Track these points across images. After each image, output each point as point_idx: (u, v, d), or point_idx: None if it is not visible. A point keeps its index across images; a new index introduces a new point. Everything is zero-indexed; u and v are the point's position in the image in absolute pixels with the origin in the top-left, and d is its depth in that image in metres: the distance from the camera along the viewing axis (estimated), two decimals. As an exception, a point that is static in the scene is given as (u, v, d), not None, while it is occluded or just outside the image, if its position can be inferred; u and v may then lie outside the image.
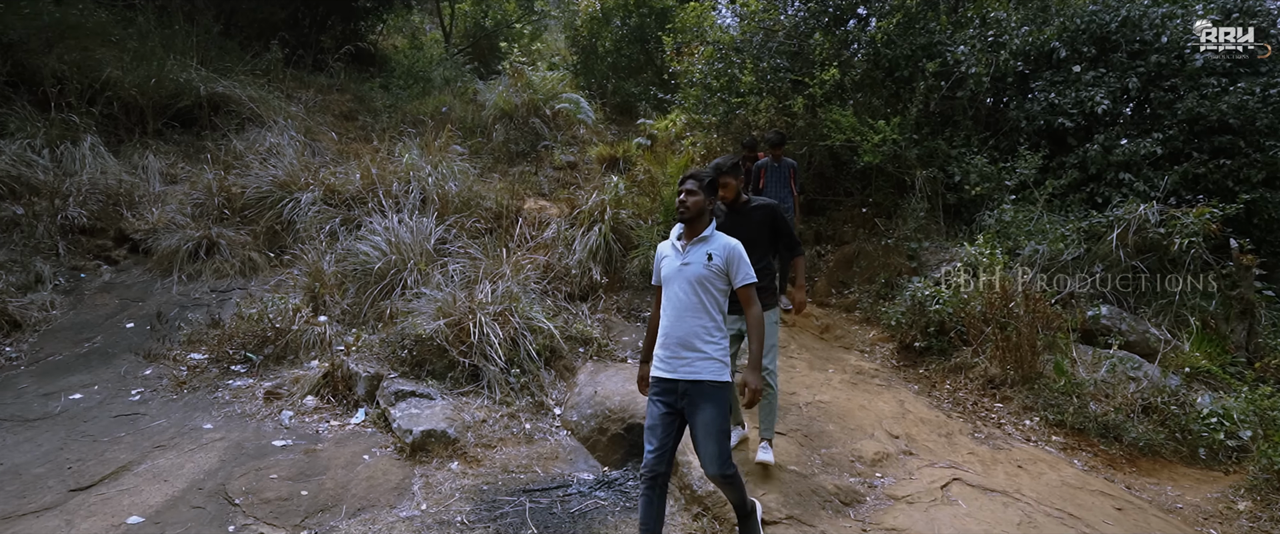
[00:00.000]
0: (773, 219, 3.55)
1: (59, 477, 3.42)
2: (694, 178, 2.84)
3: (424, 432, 4.07)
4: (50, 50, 7.68)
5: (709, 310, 2.73)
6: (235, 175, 7.46)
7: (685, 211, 2.79)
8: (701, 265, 2.73)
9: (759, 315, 2.74)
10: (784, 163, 6.18)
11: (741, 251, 2.79)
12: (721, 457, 2.63)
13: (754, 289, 2.78)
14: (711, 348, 2.69)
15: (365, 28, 13.23)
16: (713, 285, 2.74)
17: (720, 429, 2.64)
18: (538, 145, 10.09)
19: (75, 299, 5.99)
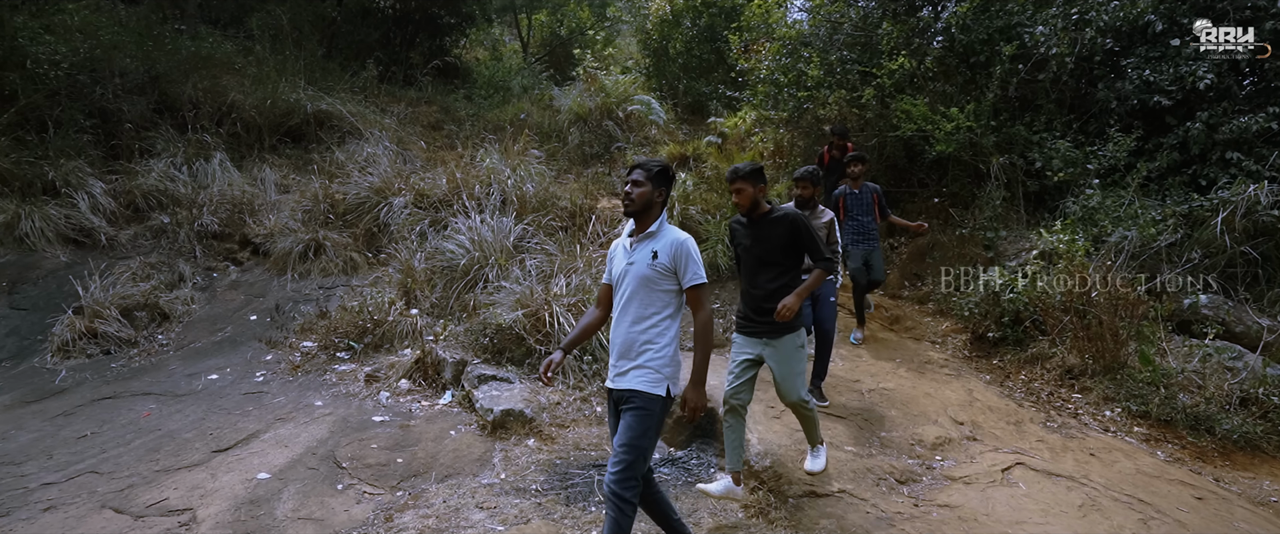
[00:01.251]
0: (792, 230, 3.09)
1: (204, 440, 4.00)
2: (641, 167, 2.55)
3: (504, 411, 4.43)
4: (187, 80, 8.74)
5: (652, 314, 2.45)
6: (337, 183, 8.22)
7: (630, 204, 2.52)
8: (646, 264, 2.45)
9: (706, 319, 2.48)
10: (866, 188, 5.60)
11: (690, 248, 2.48)
12: (624, 474, 2.33)
13: (705, 290, 2.47)
14: (648, 356, 2.42)
15: (450, 43, 14.05)
16: (658, 287, 2.46)
17: (635, 445, 2.36)
18: (611, 147, 10.43)
19: (210, 295, 6.83)
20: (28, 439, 4.02)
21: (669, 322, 2.49)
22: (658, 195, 2.53)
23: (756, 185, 3.09)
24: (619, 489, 2.32)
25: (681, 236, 2.50)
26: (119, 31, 8.57)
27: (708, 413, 4.18)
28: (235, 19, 11.65)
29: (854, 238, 5.50)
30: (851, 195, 5.58)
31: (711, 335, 2.50)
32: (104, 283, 6.27)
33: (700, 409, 2.44)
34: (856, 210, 5.58)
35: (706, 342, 2.48)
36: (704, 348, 2.47)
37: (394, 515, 3.15)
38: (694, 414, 2.43)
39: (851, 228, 5.52)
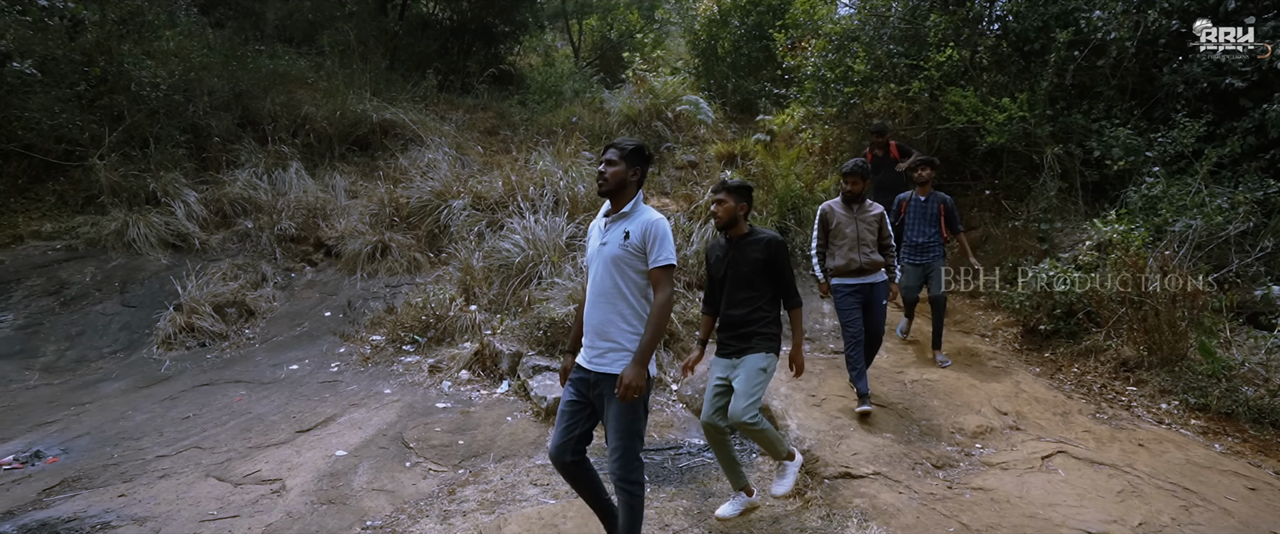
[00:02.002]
0: (770, 256, 3.00)
1: (288, 422, 4.42)
2: (615, 146, 2.52)
3: (556, 399, 4.68)
4: (266, 96, 9.44)
5: (625, 295, 2.42)
6: (401, 188, 8.71)
7: (603, 184, 2.49)
8: (618, 244, 2.42)
9: (663, 301, 2.38)
10: (934, 197, 5.03)
11: (663, 229, 2.42)
12: (626, 458, 2.37)
13: (669, 272, 2.40)
14: (626, 338, 2.40)
15: (504, 50, 14.55)
16: (630, 267, 2.41)
17: (630, 428, 2.37)
18: (660, 147, 10.62)
19: (289, 293, 7.39)
20: (142, 419, 4.54)
21: (644, 302, 2.46)
22: (632, 175, 2.48)
23: (739, 202, 3.04)
24: (625, 474, 2.38)
25: (655, 217, 2.46)
26: (208, 54, 9.34)
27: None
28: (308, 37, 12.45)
29: (909, 251, 5.05)
30: (916, 203, 5.08)
31: (666, 318, 2.41)
32: (199, 283, 6.89)
33: (634, 388, 2.29)
34: (917, 219, 5.04)
35: (659, 323, 2.38)
36: (655, 329, 2.37)
37: (456, 489, 3.44)
38: (627, 392, 2.29)
39: (907, 238, 5.07)
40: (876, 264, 4.16)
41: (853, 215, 4.23)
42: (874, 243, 4.18)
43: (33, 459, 3.85)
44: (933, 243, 5.00)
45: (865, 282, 4.16)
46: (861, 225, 4.19)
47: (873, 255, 4.14)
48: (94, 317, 6.37)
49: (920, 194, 5.07)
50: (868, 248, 4.15)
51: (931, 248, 5.01)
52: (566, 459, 2.48)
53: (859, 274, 4.16)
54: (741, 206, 3.06)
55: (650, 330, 2.37)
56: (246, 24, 11.48)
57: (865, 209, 4.23)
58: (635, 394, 2.30)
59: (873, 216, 4.22)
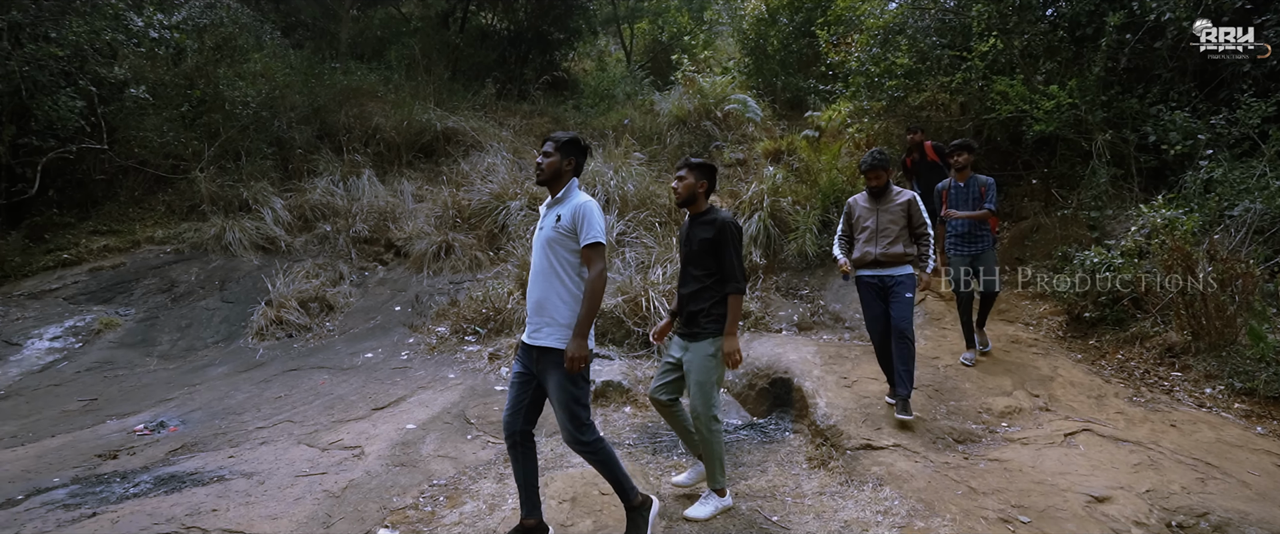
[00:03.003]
0: (717, 236, 3.00)
1: (365, 402, 4.94)
2: (551, 139, 2.70)
3: (604, 381, 5.03)
4: (341, 109, 10.23)
5: (560, 274, 2.58)
6: (463, 191, 9.29)
7: (540, 173, 2.68)
8: (552, 227, 2.59)
9: (594, 277, 2.54)
10: (974, 181, 4.80)
11: (591, 210, 2.58)
12: (573, 425, 2.54)
13: (598, 250, 2.55)
14: (561, 313, 2.56)
15: (559, 57, 15.09)
16: (563, 246, 2.58)
17: (570, 396, 2.53)
18: (710, 146, 10.85)
19: (363, 290, 8.05)
20: (242, 397, 5.16)
21: (576, 280, 2.60)
22: (567, 164, 2.66)
23: (699, 179, 3.08)
24: (578, 437, 2.56)
25: (584, 200, 2.61)
26: (290, 73, 10.21)
27: (784, 383, 4.54)
28: (377, 53, 13.33)
29: (955, 242, 4.85)
30: (956, 189, 4.86)
31: (599, 294, 2.54)
32: (285, 281, 7.62)
33: (578, 359, 2.46)
34: (959, 206, 4.84)
35: (593, 299, 2.52)
36: (589, 303, 2.51)
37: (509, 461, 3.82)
38: (572, 364, 2.46)
39: (952, 228, 4.86)
40: (896, 257, 3.89)
41: (874, 207, 4.05)
42: (900, 233, 3.92)
43: (158, 428, 4.49)
44: (979, 231, 4.75)
45: (883, 274, 3.94)
46: (883, 216, 3.98)
47: (893, 247, 3.89)
48: (199, 311, 7.15)
49: (959, 179, 4.84)
50: (888, 238, 3.92)
51: (979, 237, 4.75)
52: (517, 427, 2.66)
53: (875, 266, 3.96)
54: (701, 184, 3.11)
55: (585, 305, 2.52)
56: (323, 44, 12.41)
57: (890, 200, 4.01)
58: (581, 365, 2.49)
59: (898, 206, 3.97)
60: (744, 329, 6.03)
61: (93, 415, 4.82)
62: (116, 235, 8.11)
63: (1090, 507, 2.64)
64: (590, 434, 2.59)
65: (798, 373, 4.36)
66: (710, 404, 2.98)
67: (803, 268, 6.81)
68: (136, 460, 3.87)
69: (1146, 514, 2.58)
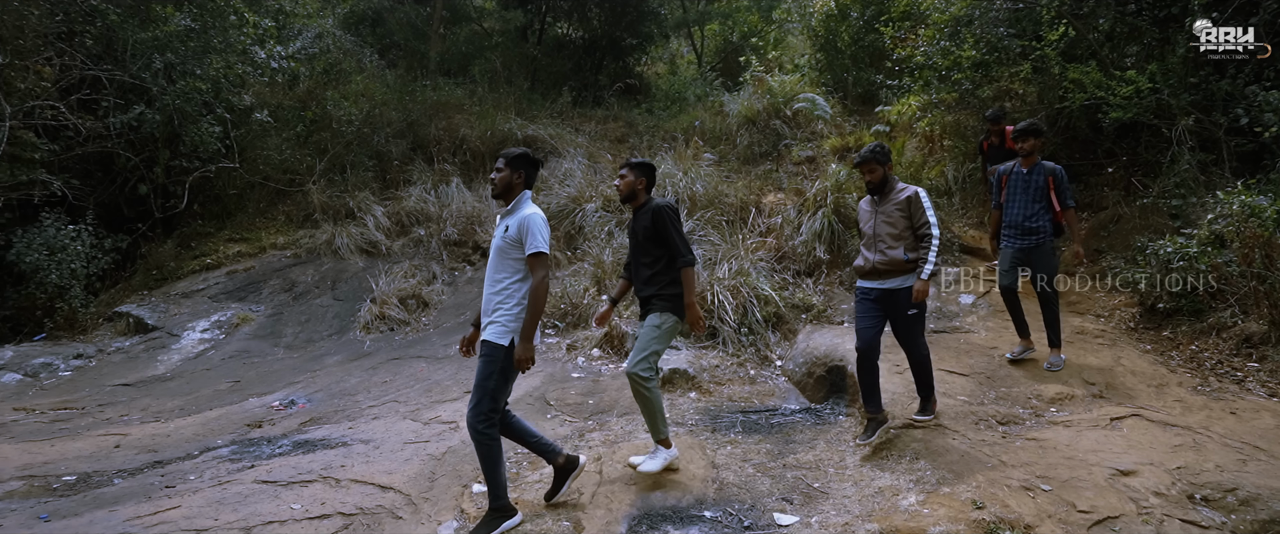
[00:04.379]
0: (654, 222, 3.24)
1: (456, 386, 5.56)
2: (503, 156, 2.96)
3: (671, 369, 5.42)
4: (431, 122, 11.14)
5: (507, 281, 2.85)
6: (542, 195, 9.91)
7: (493, 187, 2.94)
8: (500, 236, 2.86)
9: (537, 285, 2.77)
10: (1040, 168, 4.44)
11: (535, 221, 2.80)
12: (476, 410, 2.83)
13: (540, 259, 2.79)
14: (500, 313, 2.83)
15: (633, 62, 15.60)
16: (508, 255, 2.85)
17: (478, 384, 2.84)
18: (779, 144, 11.02)
19: (454, 288, 8.81)
20: (354, 381, 5.91)
21: (518, 285, 2.84)
22: (516, 178, 2.91)
23: (638, 177, 3.37)
24: (475, 423, 2.85)
25: (531, 212, 2.84)
26: (386, 92, 11.22)
27: (839, 371, 4.78)
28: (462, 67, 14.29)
29: (1008, 233, 4.54)
30: (1018, 176, 4.51)
31: (541, 300, 2.79)
32: (386, 280, 8.47)
33: (524, 360, 2.79)
34: (1020, 195, 4.46)
35: (536, 305, 2.78)
36: (532, 308, 2.78)
37: (585, 433, 4.28)
38: (519, 364, 2.79)
39: (1008, 216, 4.53)
40: (895, 265, 3.47)
41: (874, 208, 3.65)
42: (900, 235, 3.48)
43: (290, 405, 5.28)
44: (1039, 222, 4.38)
45: (882, 286, 3.53)
46: (880, 219, 3.56)
47: (892, 252, 3.47)
48: (316, 308, 8.10)
49: (1024, 166, 4.48)
50: (885, 244, 3.49)
51: (1038, 229, 4.38)
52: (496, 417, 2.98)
53: (873, 276, 3.57)
54: (640, 181, 3.38)
55: (528, 309, 2.79)
56: (414, 63, 13.47)
57: (888, 198, 3.59)
58: (529, 364, 2.82)
59: (895, 206, 3.54)
60: (806, 321, 6.26)
61: (238, 394, 5.69)
62: (247, 242, 9.26)
63: (1113, 478, 2.76)
64: (483, 424, 2.87)
65: (852, 361, 4.58)
66: (644, 364, 3.23)
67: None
68: (277, 429, 4.62)
69: (1169, 486, 2.69)
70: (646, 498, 3.10)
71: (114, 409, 5.31)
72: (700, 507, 3.04)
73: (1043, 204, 4.41)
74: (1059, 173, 4.44)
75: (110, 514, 2.99)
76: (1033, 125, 4.50)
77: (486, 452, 2.87)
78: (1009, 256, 4.54)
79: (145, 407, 5.36)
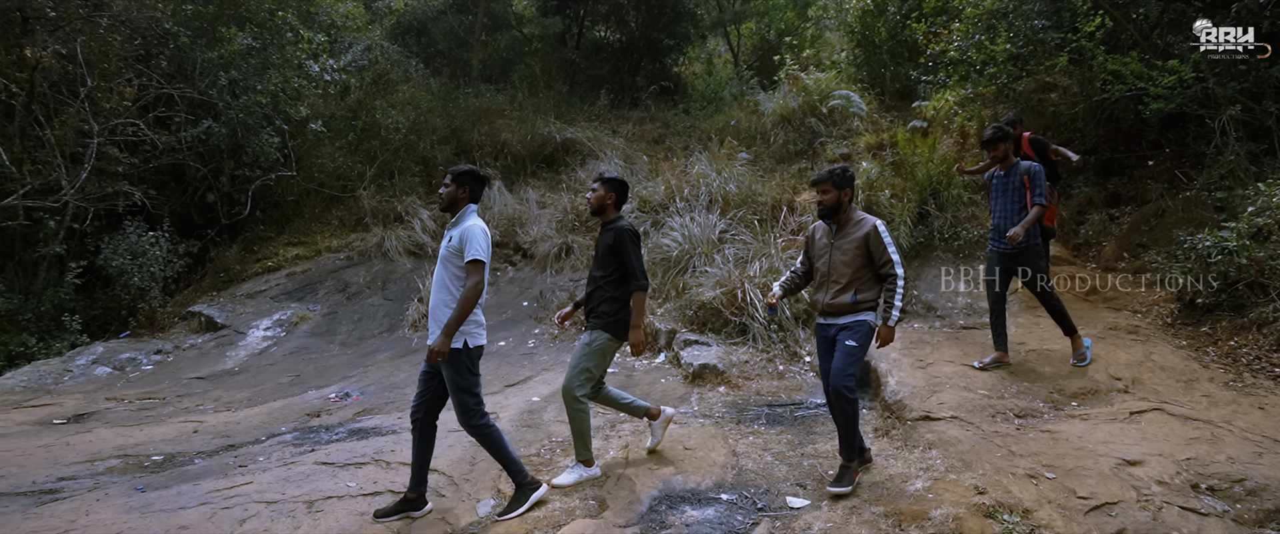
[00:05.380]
0: (615, 242, 3.37)
1: (499, 380, 5.87)
2: (451, 173, 3.14)
3: (701, 364, 5.61)
4: (474, 128, 11.58)
5: (449, 286, 3.02)
6: (580, 197, 10.21)
7: (442, 202, 3.13)
8: (445, 246, 3.04)
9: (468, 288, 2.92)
10: (1016, 169, 4.37)
11: (473, 233, 2.95)
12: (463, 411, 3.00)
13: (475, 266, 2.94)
14: (445, 318, 3.00)
15: (670, 63, 15.78)
16: (452, 263, 3.01)
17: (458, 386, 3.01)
18: (814, 142, 11.05)
19: (496, 288, 9.17)
20: (403, 376, 6.30)
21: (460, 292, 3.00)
22: (462, 192, 3.10)
23: (608, 192, 3.53)
24: (465, 421, 3.04)
25: (471, 223, 3.01)
26: (431, 99, 11.71)
27: (864, 367, 4.88)
28: (503, 73, 14.74)
29: (993, 236, 4.49)
30: (997, 179, 4.47)
31: (470, 303, 2.93)
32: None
33: (437, 352, 2.92)
34: (998, 198, 4.41)
35: (464, 306, 2.92)
36: (459, 309, 2.92)
37: (617, 425, 4.51)
38: (433, 356, 2.94)
39: (992, 220, 4.48)
40: (843, 307, 3.15)
41: (830, 241, 3.26)
42: (855, 277, 3.13)
43: (345, 397, 5.68)
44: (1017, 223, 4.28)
45: (836, 322, 3.22)
46: (836, 254, 3.20)
47: (842, 296, 3.14)
48: (367, 307, 8.58)
49: (1001, 169, 4.44)
50: (837, 286, 3.17)
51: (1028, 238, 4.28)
52: (418, 416, 3.15)
53: (827, 313, 3.28)
54: (609, 196, 3.54)
55: (456, 310, 2.94)
56: (457, 70, 13.98)
57: (847, 230, 3.21)
58: (439, 358, 2.94)
59: (852, 242, 3.17)
60: (835, 318, 6.35)
61: (298, 387, 6.14)
62: (304, 246, 9.85)
63: (1118, 468, 2.82)
64: (478, 418, 3.04)
65: (877, 357, 4.68)
66: (577, 384, 3.39)
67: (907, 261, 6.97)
68: (334, 418, 5.01)
69: (1173, 476, 2.73)
70: (668, 481, 3.31)
71: (191, 399, 5.81)
72: (718, 490, 3.23)
73: (1020, 205, 4.35)
74: (1033, 171, 4.34)
75: (194, 487, 3.38)
76: (995, 133, 4.42)
77: (488, 441, 3.07)
78: (992, 260, 4.50)
79: (217, 398, 5.85)
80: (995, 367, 4.39)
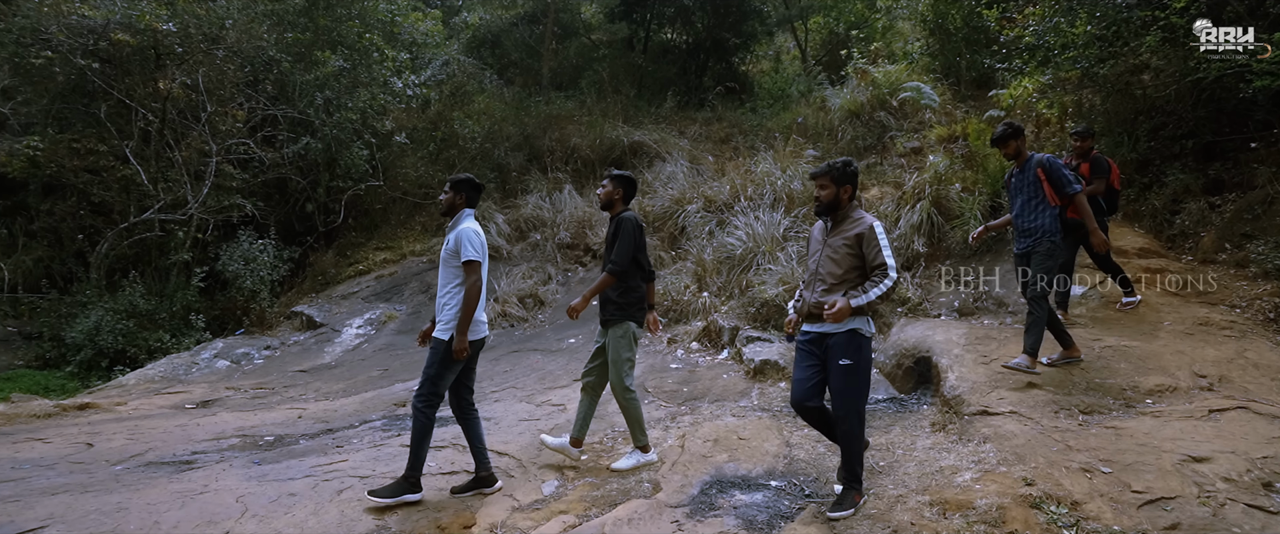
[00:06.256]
0: (615, 230, 3.64)
1: (567, 374, 6.17)
2: (449, 180, 3.41)
3: (762, 360, 5.70)
4: (545, 134, 12.05)
5: (450, 286, 3.28)
6: (647, 198, 10.45)
7: (441, 208, 3.41)
8: (444, 248, 3.32)
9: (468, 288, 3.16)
10: (1030, 163, 4.19)
11: (466, 234, 3.22)
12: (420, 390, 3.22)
13: (472, 266, 3.19)
14: (445, 313, 3.26)
15: (737, 62, 15.77)
16: (449, 264, 3.29)
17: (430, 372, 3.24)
18: (884, 137, 10.82)
19: (567, 288, 9.55)
20: (480, 370, 6.66)
21: (458, 289, 3.26)
22: (458, 199, 3.38)
23: (617, 188, 3.75)
24: (416, 403, 3.26)
25: (465, 226, 3.27)
26: (504, 109, 12.29)
27: (925, 361, 4.83)
28: (572, 80, 15.21)
29: (1017, 238, 4.34)
30: (1013, 177, 4.34)
31: (471, 300, 3.18)
32: (507, 281, 9.36)
33: (459, 350, 3.18)
34: (1015, 198, 4.28)
35: (466, 304, 3.18)
36: (463, 308, 3.18)
37: (677, 416, 4.70)
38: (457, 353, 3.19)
39: (1014, 221, 4.33)
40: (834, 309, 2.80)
41: (823, 238, 3.09)
42: (845, 276, 2.91)
43: (428, 389, 6.15)
44: (1037, 221, 4.12)
45: (817, 329, 2.99)
46: (826, 252, 3.01)
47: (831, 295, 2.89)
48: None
49: (1016, 165, 4.30)
50: (824, 285, 2.96)
51: (1034, 228, 4.12)
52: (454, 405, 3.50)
53: (811, 320, 3.03)
54: (618, 191, 3.75)
55: (461, 308, 3.21)
56: (529, 79, 14.56)
57: (842, 226, 3.01)
58: (463, 355, 3.20)
59: (844, 241, 2.95)
60: (900, 314, 6.27)
61: (386, 379, 6.67)
62: (390, 250, 10.58)
63: (1183, 464, 2.71)
64: (424, 402, 3.27)
65: (938, 352, 4.64)
66: (622, 377, 3.62)
67: (968, 255, 6.77)
68: (417, 408, 5.46)
69: (1243, 473, 2.60)
70: (720, 468, 3.46)
71: (295, 390, 6.45)
72: (768, 477, 3.34)
73: (1037, 200, 4.16)
74: (1048, 163, 4.12)
75: (300, 462, 3.84)
76: (1004, 130, 4.24)
77: (420, 427, 3.29)
78: (1016, 260, 4.36)
79: (318, 388, 6.46)
80: (1065, 362, 4.22)
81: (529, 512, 3.20)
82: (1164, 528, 2.32)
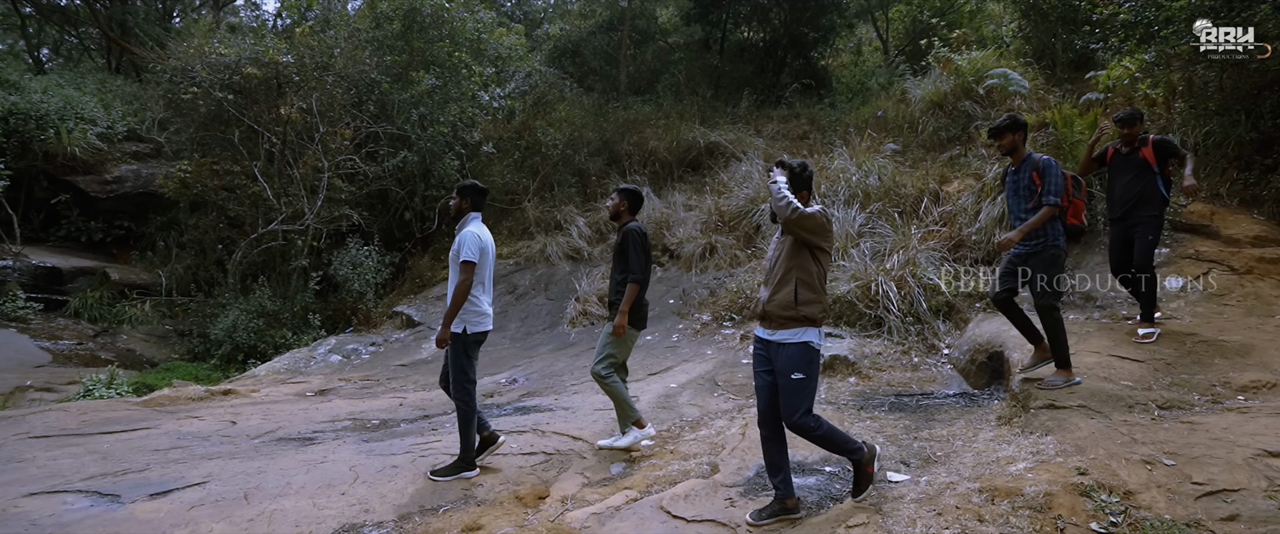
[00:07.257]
0: (620, 242, 3.94)
1: (643, 369, 6.47)
2: (456, 187, 3.71)
3: (832, 355, 5.76)
4: (623, 139, 12.44)
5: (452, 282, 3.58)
6: (723, 199, 10.60)
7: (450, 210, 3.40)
8: (452, 250, 3.59)
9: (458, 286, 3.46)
10: (1026, 163, 3.89)
11: (465, 236, 3.52)
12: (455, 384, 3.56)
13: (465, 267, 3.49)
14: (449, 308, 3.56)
15: (816, 57, 15.56)
16: (453, 265, 3.58)
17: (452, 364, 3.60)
18: (968, 127, 10.43)
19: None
20: (561, 365, 7.14)
21: None
22: (464, 204, 3.68)
23: (623, 200, 4.05)
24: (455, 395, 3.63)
25: (466, 230, 3.57)
26: (584, 116, 12.79)
27: (998, 356, 4.75)
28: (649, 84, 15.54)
29: None
30: (1008, 178, 4.05)
31: (460, 298, 3.50)
32: (588, 282, 9.79)
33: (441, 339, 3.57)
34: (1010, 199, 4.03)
35: (454, 300, 3.50)
36: (452, 302, 3.50)
37: (743, 409, 4.87)
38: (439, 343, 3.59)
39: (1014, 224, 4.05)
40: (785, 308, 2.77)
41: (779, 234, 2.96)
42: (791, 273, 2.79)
43: (513, 382, 6.63)
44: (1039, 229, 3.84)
45: (770, 337, 2.88)
46: (778, 248, 2.91)
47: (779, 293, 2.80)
48: (532, 307, 9.69)
49: (1013, 163, 3.98)
50: (774, 280, 2.86)
51: (1034, 233, 3.83)
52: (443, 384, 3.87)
53: (764, 322, 2.92)
54: (623, 204, 4.06)
55: (450, 303, 3.54)
56: (607, 86, 15.02)
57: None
58: (443, 344, 3.59)
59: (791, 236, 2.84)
60: (978, 310, 6.12)
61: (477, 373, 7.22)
62: (483, 253, 11.30)
63: (1255, 458, 2.59)
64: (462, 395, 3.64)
65: (1011, 346, 4.55)
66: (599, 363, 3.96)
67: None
68: (504, 399, 5.92)
69: None
70: (779, 455, 3.61)
71: (397, 382, 7.12)
72: (823, 463, 3.47)
73: (1026, 203, 3.89)
74: (1043, 164, 3.80)
75: (401, 441, 4.35)
76: (1005, 121, 3.94)
77: (462, 412, 3.66)
78: (1005, 261, 4.05)
79: (416, 381, 7.10)
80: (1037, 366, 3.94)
81: (597, 487, 3.51)
82: (1220, 519, 2.27)
